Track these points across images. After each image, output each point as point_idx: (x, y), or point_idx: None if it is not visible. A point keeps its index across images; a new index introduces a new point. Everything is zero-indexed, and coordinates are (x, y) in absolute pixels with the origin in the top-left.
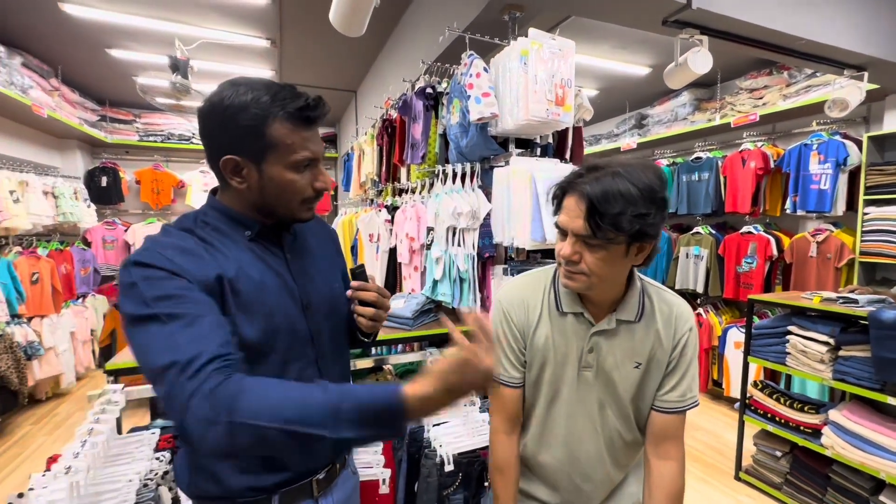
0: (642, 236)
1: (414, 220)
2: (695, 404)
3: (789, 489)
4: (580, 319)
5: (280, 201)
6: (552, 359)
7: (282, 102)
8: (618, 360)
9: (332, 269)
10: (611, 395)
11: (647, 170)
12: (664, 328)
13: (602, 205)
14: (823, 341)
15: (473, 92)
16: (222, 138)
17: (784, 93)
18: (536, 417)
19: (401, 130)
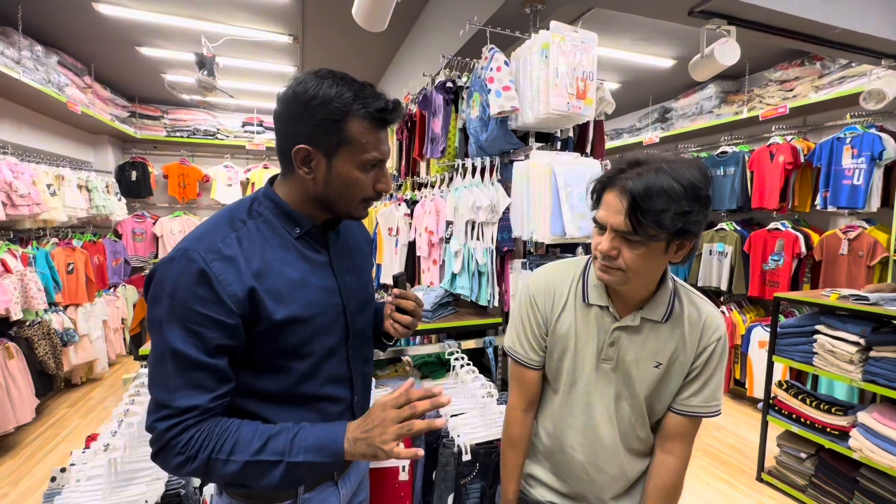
0: (684, 234)
1: (433, 214)
2: (716, 413)
3: (814, 492)
4: (605, 312)
5: (342, 197)
6: (573, 347)
7: (363, 101)
8: (638, 357)
9: (367, 270)
10: (628, 389)
11: (690, 166)
12: (690, 333)
13: (645, 201)
14: (853, 341)
15: (494, 86)
16: (300, 127)
17: (816, 84)
18: (555, 403)
19: (420, 125)
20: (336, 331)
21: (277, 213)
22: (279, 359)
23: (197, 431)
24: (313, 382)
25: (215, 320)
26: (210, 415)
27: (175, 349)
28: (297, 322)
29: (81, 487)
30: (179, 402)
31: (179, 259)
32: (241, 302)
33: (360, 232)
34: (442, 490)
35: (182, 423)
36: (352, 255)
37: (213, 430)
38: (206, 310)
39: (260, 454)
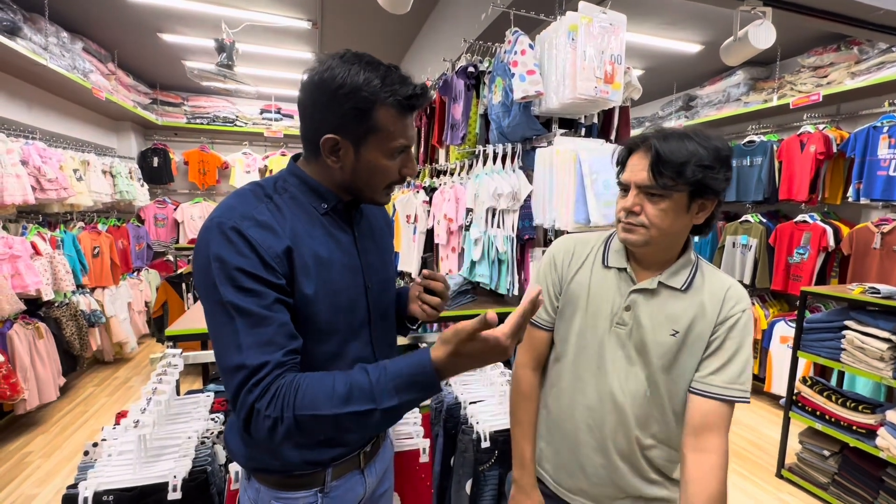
0: (705, 190)
1: (453, 201)
2: (744, 398)
3: (836, 490)
4: (623, 276)
5: (368, 185)
6: (584, 308)
7: (391, 88)
8: (654, 323)
9: (388, 252)
10: (642, 358)
11: (715, 136)
12: (710, 302)
13: (667, 154)
14: (885, 338)
15: (518, 70)
16: (328, 116)
17: (852, 70)
18: (563, 372)
19: (440, 111)
20: (359, 311)
21: (304, 189)
22: (307, 338)
23: (277, 388)
24: (339, 362)
25: (264, 280)
26: (285, 369)
27: (237, 305)
28: (323, 300)
29: (113, 461)
30: (251, 360)
31: (214, 228)
32: (282, 261)
33: (380, 213)
34: (460, 476)
35: (262, 383)
36: (374, 235)
37: (292, 385)
38: (253, 269)
39: (347, 405)
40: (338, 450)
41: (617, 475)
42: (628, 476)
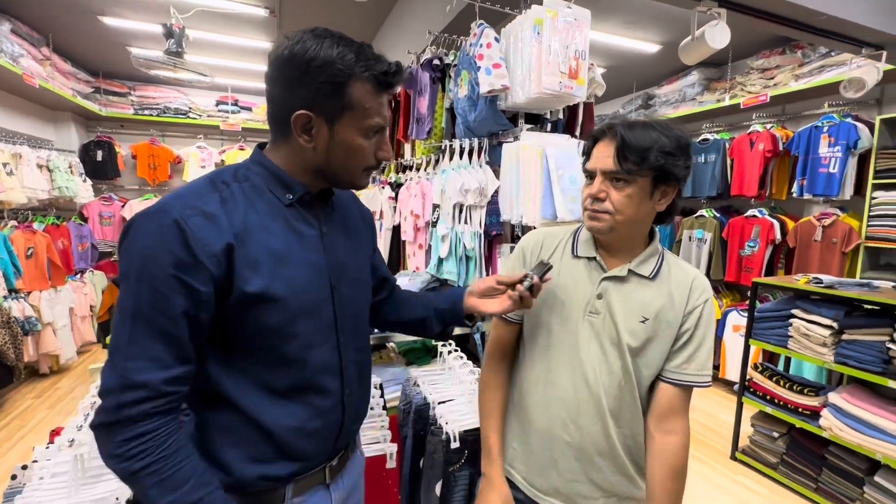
0: (667, 176)
1: (419, 197)
2: (707, 383)
3: (785, 469)
4: (593, 264)
5: (344, 166)
6: (556, 299)
7: (366, 63)
8: (626, 310)
9: (363, 250)
10: (615, 346)
11: (675, 126)
12: (678, 291)
13: (632, 141)
14: (827, 325)
15: (483, 63)
16: (300, 91)
17: (796, 73)
18: (534, 363)
19: (405, 105)
20: (323, 314)
21: (268, 177)
22: (260, 341)
23: (142, 432)
24: (298, 371)
25: (186, 284)
26: (161, 406)
27: (137, 311)
28: (274, 299)
29: (45, 485)
30: (133, 374)
31: (155, 214)
32: (220, 261)
33: (357, 208)
34: (430, 477)
35: (130, 410)
36: (347, 231)
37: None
38: (178, 272)
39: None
40: (299, 464)
41: (593, 471)
42: (607, 471)
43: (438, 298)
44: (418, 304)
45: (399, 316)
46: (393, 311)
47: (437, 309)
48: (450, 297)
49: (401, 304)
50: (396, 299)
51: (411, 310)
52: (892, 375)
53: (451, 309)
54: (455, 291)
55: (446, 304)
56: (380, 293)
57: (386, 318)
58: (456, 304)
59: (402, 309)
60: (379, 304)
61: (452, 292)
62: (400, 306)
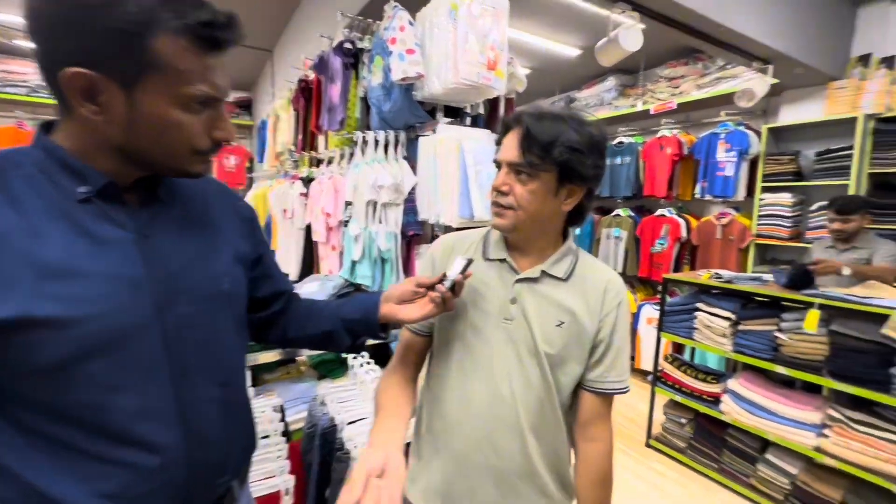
0: (572, 173)
1: (330, 193)
2: (627, 388)
3: (692, 453)
4: (504, 266)
5: (159, 148)
6: (468, 307)
7: (178, 8)
8: (540, 313)
9: (223, 257)
10: (532, 354)
11: (593, 123)
12: (592, 293)
13: (537, 131)
14: (726, 317)
15: (396, 47)
16: (69, 40)
17: (698, 83)
18: (445, 377)
19: (318, 92)
20: (138, 344)
21: (50, 164)
22: (33, 385)
23: None
24: (100, 423)
25: None
26: None
27: None
28: (43, 327)
29: None
30: None
31: None
32: None
33: (223, 202)
34: None
35: None
36: (194, 232)
37: None
38: None
39: None
40: None
41: (513, 496)
42: (528, 496)
43: (348, 307)
44: (323, 316)
45: (302, 330)
46: (293, 325)
47: (346, 319)
48: (362, 306)
49: (302, 317)
50: (296, 311)
51: (315, 322)
52: (780, 362)
53: (362, 319)
54: (368, 298)
55: (357, 314)
56: (272, 305)
57: (285, 333)
58: (369, 312)
59: (305, 322)
60: (273, 318)
61: (365, 299)
62: (301, 319)
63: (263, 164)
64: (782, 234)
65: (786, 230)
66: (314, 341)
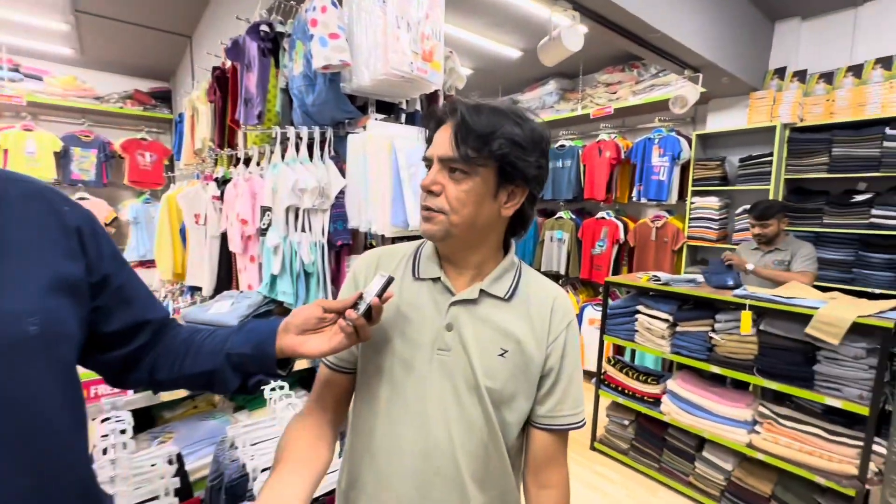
0: (513, 171)
1: (247, 197)
2: (583, 421)
3: (634, 454)
4: (438, 287)
5: None
6: (396, 336)
7: None
8: (481, 341)
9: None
10: (472, 390)
11: (534, 119)
12: (538, 315)
13: (473, 122)
14: (664, 319)
15: (318, 31)
16: None
17: (634, 89)
18: (371, 421)
19: (234, 82)
20: None
21: None
22: None
23: None
24: None
25: None
26: None
27: None
28: None
29: None
30: None
31: None
32: None
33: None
34: None
35: None
36: None
37: None
38: None
39: None
40: None
41: None
42: None
43: (238, 339)
44: (205, 351)
45: (175, 370)
46: (164, 363)
47: (234, 355)
48: (254, 337)
49: (177, 352)
50: (170, 345)
51: (194, 359)
52: (714, 361)
53: (254, 354)
54: (263, 328)
55: (247, 348)
56: (134, 340)
57: (153, 375)
58: (262, 345)
59: (180, 359)
60: (137, 355)
61: (260, 329)
62: (175, 355)
63: (180, 162)
64: (711, 236)
65: (714, 232)
66: (193, 383)
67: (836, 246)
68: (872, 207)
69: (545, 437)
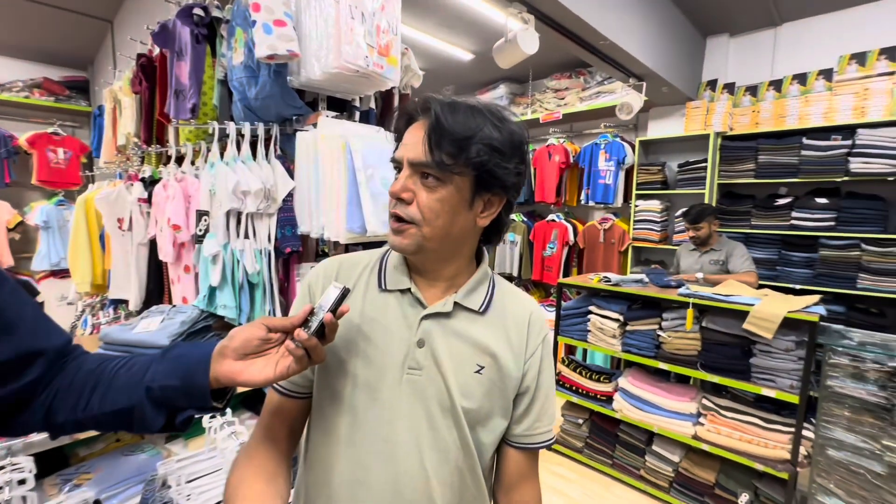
0: (491, 180)
1: (180, 199)
2: (554, 438)
3: (589, 451)
4: (407, 299)
5: None
6: (360, 355)
7: None
8: (455, 357)
9: None
10: (447, 413)
11: (512, 120)
12: (515, 329)
13: (449, 124)
14: (615, 318)
15: (261, 16)
16: None
17: (581, 96)
18: (330, 454)
19: (163, 71)
20: None
21: None
22: None
23: None
24: None
25: None
26: None
27: None
28: None
29: None
30: None
31: None
32: None
33: None
34: None
35: None
36: None
37: None
38: None
39: None
40: None
41: None
42: None
43: (162, 369)
44: (117, 384)
45: (80, 410)
46: (64, 402)
47: (156, 388)
48: (182, 366)
49: (82, 388)
50: (67, 380)
51: (103, 396)
52: (662, 358)
53: (182, 387)
54: (193, 354)
55: (174, 380)
56: (22, 375)
57: (51, 417)
58: (193, 375)
59: (82, 396)
60: (26, 394)
61: (189, 355)
62: (80, 391)
63: (99, 160)
64: (654, 238)
65: (657, 234)
66: (103, 424)
67: (763, 245)
68: (792, 210)
69: (519, 455)
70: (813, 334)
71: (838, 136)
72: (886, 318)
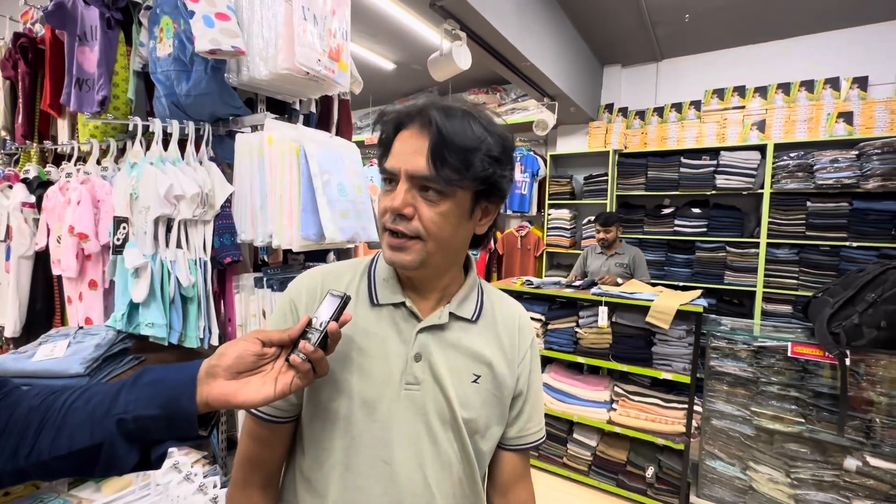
0: (492, 190)
1: (86, 204)
2: (544, 436)
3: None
4: (401, 313)
5: None
6: (353, 376)
7: None
8: (453, 369)
9: None
10: (448, 426)
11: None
12: (507, 334)
13: (452, 136)
14: (538, 318)
15: (201, 7)
16: None
17: (496, 111)
18: (324, 478)
19: (55, 56)
20: None
21: None
22: None
23: None
24: None
25: None
26: None
27: None
28: None
29: None
30: None
31: None
32: None
33: None
34: None
35: None
36: None
37: None
38: None
39: None
40: None
41: None
42: None
43: (134, 398)
44: (75, 421)
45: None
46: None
47: (129, 419)
48: (162, 392)
49: (20, 429)
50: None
51: (57, 435)
52: (580, 353)
53: (164, 416)
54: (173, 376)
55: (153, 409)
56: None
57: None
58: (177, 401)
59: (25, 438)
60: None
61: (169, 378)
62: (17, 434)
63: None
64: (565, 243)
65: (567, 240)
66: (57, 469)
67: (653, 249)
68: (675, 219)
69: (514, 457)
70: (699, 323)
71: (707, 156)
72: (744, 307)
